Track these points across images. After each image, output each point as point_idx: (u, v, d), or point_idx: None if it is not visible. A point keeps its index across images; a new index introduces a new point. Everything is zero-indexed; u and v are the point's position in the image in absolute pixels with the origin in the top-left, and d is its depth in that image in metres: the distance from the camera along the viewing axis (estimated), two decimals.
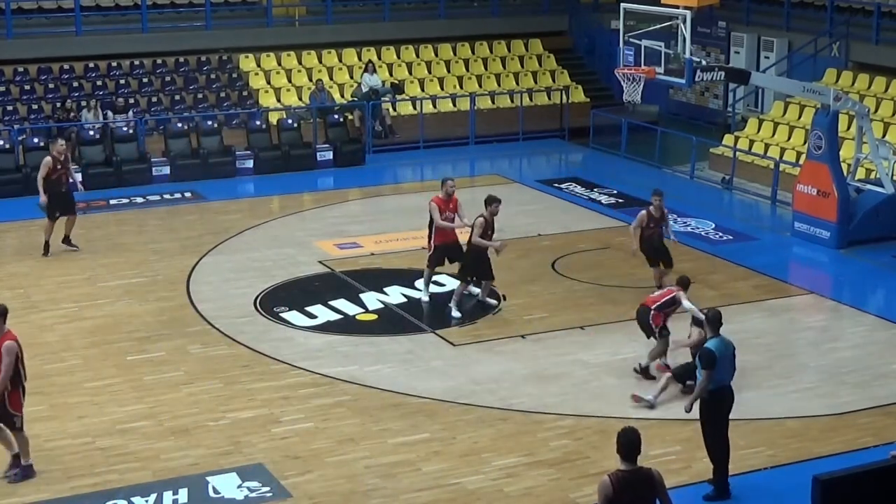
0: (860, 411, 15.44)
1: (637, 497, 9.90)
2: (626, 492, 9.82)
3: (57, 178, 21.60)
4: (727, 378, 13.21)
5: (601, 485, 9.89)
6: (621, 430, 10.02)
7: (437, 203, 19.06)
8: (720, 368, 13.02)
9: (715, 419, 13.22)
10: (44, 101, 29.04)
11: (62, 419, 15.23)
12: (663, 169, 28.58)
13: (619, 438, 9.97)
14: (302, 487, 13.55)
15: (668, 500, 10.05)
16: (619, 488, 9.82)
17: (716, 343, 13.12)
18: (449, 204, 19.11)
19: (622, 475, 9.88)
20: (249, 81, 31.09)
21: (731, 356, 13.29)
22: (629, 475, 9.89)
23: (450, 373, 16.61)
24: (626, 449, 9.93)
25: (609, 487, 9.83)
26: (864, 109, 23.22)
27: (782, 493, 13.48)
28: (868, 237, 22.40)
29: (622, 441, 9.95)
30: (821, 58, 29.34)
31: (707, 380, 12.95)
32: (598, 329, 18.34)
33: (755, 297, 19.84)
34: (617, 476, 9.88)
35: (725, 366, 13.14)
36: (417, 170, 29.77)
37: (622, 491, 9.82)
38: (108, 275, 20.84)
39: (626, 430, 10.00)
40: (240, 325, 18.46)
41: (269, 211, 25.45)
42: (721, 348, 13.09)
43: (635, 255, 19.38)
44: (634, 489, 9.87)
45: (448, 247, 19.25)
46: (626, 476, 9.89)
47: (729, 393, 13.26)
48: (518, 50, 34.15)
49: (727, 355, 13.19)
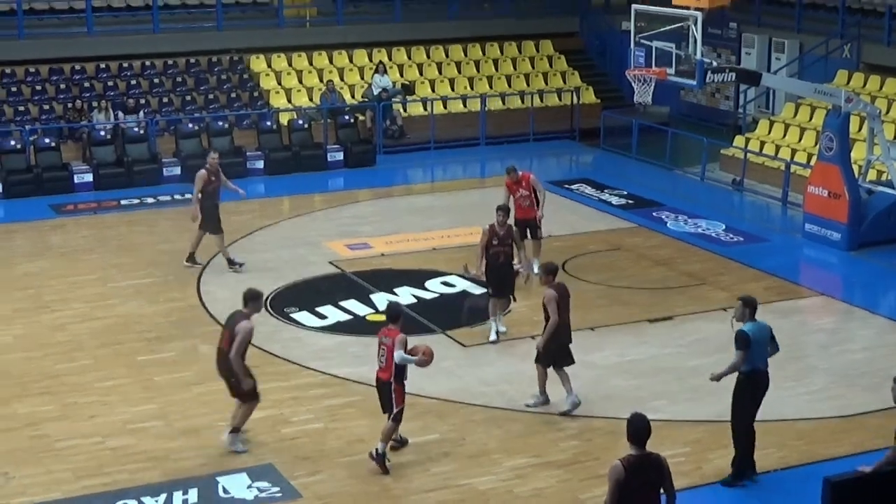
0: (870, 413, 15.42)
1: (647, 482, 10.08)
2: (636, 476, 10.00)
3: (212, 191, 21.01)
4: (761, 363, 13.46)
5: (612, 469, 10.05)
6: (630, 416, 10.17)
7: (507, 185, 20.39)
8: (754, 353, 13.29)
9: (744, 401, 13.48)
10: (55, 101, 29.11)
11: (73, 419, 15.26)
12: (674, 170, 28.56)
13: (628, 424, 10.12)
14: (312, 488, 13.56)
15: (672, 488, 10.23)
16: (630, 472, 9.98)
17: (750, 327, 13.37)
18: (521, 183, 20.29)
19: (633, 459, 10.05)
20: (260, 82, 31.13)
21: (766, 341, 13.54)
22: (639, 460, 10.07)
23: (460, 373, 16.62)
24: (637, 434, 10.07)
25: (621, 471, 9.99)
26: (875, 111, 23.19)
27: (792, 495, 13.48)
28: (879, 239, 22.36)
29: (632, 426, 10.10)
30: (832, 59, 29.31)
31: (740, 360, 13.27)
32: (608, 330, 18.33)
33: (766, 298, 19.77)
34: (628, 460, 10.04)
35: (760, 351, 13.40)
36: (428, 171, 29.77)
37: (633, 475, 9.98)
38: (119, 275, 20.88)
39: (636, 416, 10.15)
40: None
41: (279, 211, 25.48)
42: (756, 332, 13.34)
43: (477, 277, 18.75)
44: (645, 473, 10.05)
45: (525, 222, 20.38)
46: (637, 461, 10.05)
47: (763, 378, 13.50)
48: (529, 51, 34.16)
49: (762, 340, 13.43)
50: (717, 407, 15.57)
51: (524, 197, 20.18)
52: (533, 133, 31.40)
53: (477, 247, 18.11)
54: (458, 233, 23.12)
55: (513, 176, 20.35)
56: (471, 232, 22.71)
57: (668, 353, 17.53)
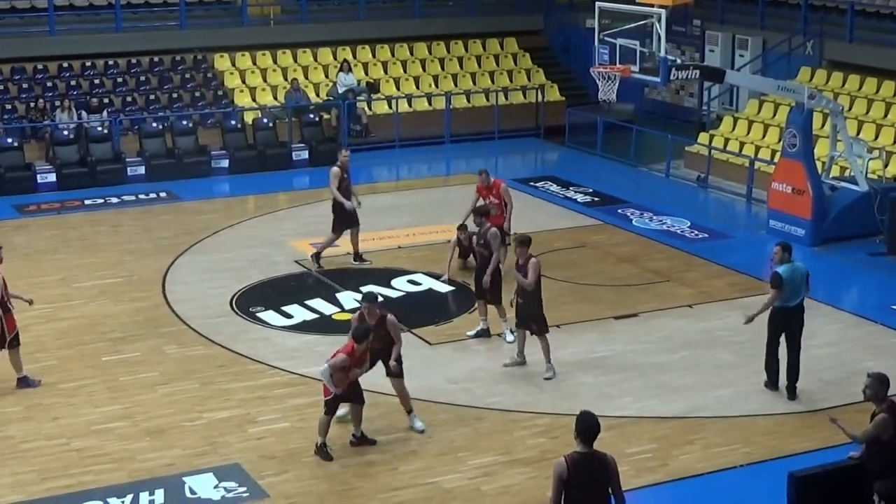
0: (835, 408, 15.49)
1: (589, 479, 9.99)
2: (579, 472, 9.94)
3: (343, 189, 21.00)
4: (793, 300, 15.48)
5: (556, 465, 10.02)
6: (581, 413, 10.09)
7: (478, 188, 20.37)
8: (787, 291, 15.33)
9: (776, 333, 15.67)
10: (17, 100, 28.90)
11: (37, 420, 15.17)
12: (639, 167, 28.64)
13: (578, 422, 10.04)
14: (278, 487, 13.53)
15: (619, 488, 10.12)
16: (572, 469, 9.94)
17: (784, 269, 15.38)
18: (492, 190, 20.17)
19: (577, 457, 10.00)
20: (224, 81, 31.02)
21: (800, 281, 15.54)
22: (584, 457, 10.00)
23: (426, 372, 16.60)
24: (585, 432, 10.02)
25: (563, 467, 9.96)
26: (838, 107, 23.32)
27: (757, 490, 13.54)
28: (843, 235, 22.49)
29: (580, 424, 10.03)
30: (795, 56, 29.45)
31: (772, 298, 15.44)
32: (574, 327, 18.36)
33: (730, 294, 19.91)
34: (572, 457, 9.99)
35: (793, 289, 15.41)
36: (393, 169, 29.75)
37: (576, 471, 9.93)
38: (83, 275, 20.77)
39: (585, 414, 10.08)
40: (216, 325, 18.43)
41: (244, 211, 25.40)
42: (789, 274, 15.35)
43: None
44: (588, 471, 9.98)
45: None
46: (581, 458, 9.99)
47: (795, 311, 15.56)
48: (493, 49, 34.18)
49: (795, 280, 15.44)
50: (683, 403, 15.71)
51: (494, 205, 19.91)
52: (498, 131, 31.41)
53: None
54: (424, 231, 23.12)
55: (484, 180, 20.26)
56: (436, 230, 22.74)
57: (634, 349, 17.58)
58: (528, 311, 16.33)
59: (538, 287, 16.29)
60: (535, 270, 16.09)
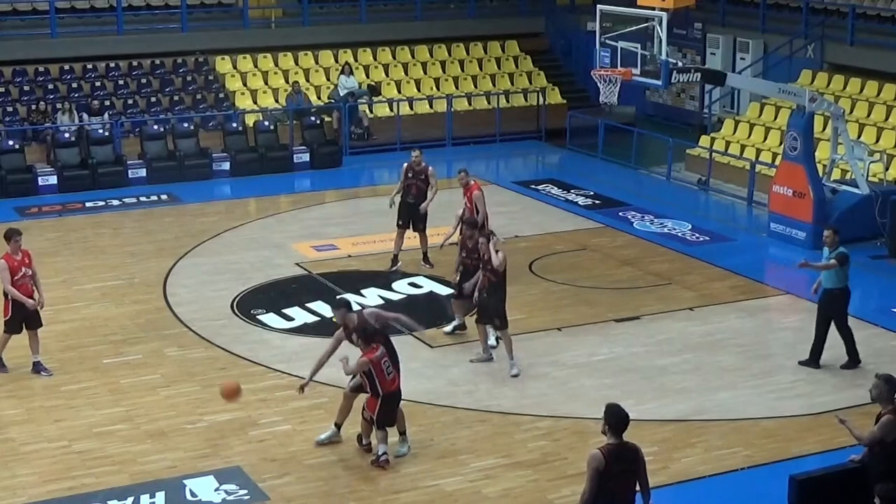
0: (837, 411, 15.46)
1: (625, 469, 10.23)
2: (615, 463, 10.13)
3: (407, 187, 20.90)
4: (848, 281, 16.54)
5: (591, 457, 10.17)
6: (608, 406, 10.30)
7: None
8: (847, 270, 16.41)
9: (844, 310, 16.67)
10: (18, 103, 28.91)
11: (38, 422, 15.17)
12: (640, 170, 28.64)
13: (607, 414, 10.24)
14: (279, 490, 13.52)
15: (646, 479, 10.39)
16: (609, 460, 10.11)
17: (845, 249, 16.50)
18: (466, 194, 19.77)
19: (612, 447, 10.20)
20: (225, 83, 31.03)
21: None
22: (618, 448, 10.21)
23: (427, 374, 16.60)
24: (616, 424, 10.21)
25: (601, 460, 10.12)
26: (839, 110, 23.32)
27: (759, 494, 13.52)
28: (843, 238, 22.27)
29: (612, 417, 10.23)
30: (796, 59, 29.46)
31: (831, 268, 16.41)
32: (575, 330, 18.36)
33: (732, 297, 19.90)
34: (608, 448, 10.18)
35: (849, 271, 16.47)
36: (394, 171, 29.64)
37: (612, 462, 10.11)
38: (84, 278, 20.77)
39: (614, 406, 10.30)
40: (217, 328, 18.43)
41: (245, 213, 25.40)
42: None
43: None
44: (623, 461, 10.20)
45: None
46: (616, 449, 10.19)
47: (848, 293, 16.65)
48: (494, 52, 34.19)
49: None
50: (685, 406, 15.69)
51: (466, 208, 19.60)
52: (499, 133, 31.42)
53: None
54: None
55: (462, 179, 19.95)
56: (437, 233, 22.72)
57: (635, 352, 17.56)
58: (492, 305, 16.47)
59: (503, 282, 16.49)
60: (498, 249, 16.32)
